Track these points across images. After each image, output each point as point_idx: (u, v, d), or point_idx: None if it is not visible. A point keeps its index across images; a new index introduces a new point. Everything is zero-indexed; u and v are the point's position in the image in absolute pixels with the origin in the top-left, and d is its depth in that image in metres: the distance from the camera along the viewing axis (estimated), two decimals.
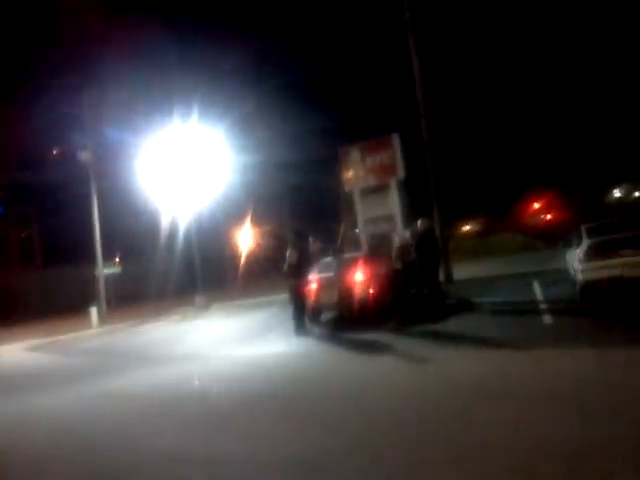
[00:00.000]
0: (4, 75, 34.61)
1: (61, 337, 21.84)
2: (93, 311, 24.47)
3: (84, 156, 26.52)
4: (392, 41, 22.43)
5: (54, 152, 28.75)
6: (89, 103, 26.65)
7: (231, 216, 38.20)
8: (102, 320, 24.71)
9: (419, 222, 14.01)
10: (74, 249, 34.04)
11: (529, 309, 11.63)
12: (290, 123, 33.03)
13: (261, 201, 38.04)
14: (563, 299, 11.90)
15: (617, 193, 52.05)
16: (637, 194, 51.18)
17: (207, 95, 27.29)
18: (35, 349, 19.45)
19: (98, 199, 26.69)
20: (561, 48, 43.59)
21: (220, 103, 29.10)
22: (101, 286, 26.49)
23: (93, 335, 21.80)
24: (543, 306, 11.58)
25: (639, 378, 5.95)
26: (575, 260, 11.60)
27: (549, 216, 48.35)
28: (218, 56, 32.61)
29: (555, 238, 20.55)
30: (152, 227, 31.24)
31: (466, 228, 56.13)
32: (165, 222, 28.14)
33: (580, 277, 11.12)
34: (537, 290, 13.75)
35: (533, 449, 4.53)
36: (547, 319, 10.25)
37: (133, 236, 37.25)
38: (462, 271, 19.24)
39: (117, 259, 35.05)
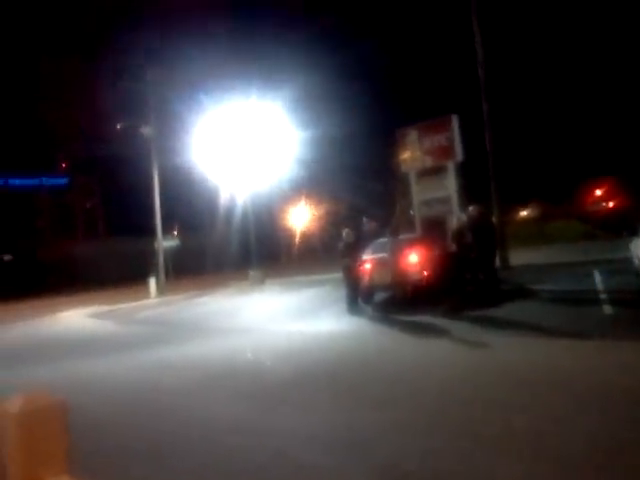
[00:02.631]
0: (70, 51, 35.74)
1: (120, 306, 22.64)
2: (152, 282, 25.27)
3: (147, 131, 27.19)
4: (456, 21, 21.94)
5: (118, 127, 29.52)
6: (153, 79, 27.23)
7: (288, 193, 38.48)
8: (160, 291, 25.48)
9: (470, 208, 13.85)
10: (136, 221, 35.05)
11: (588, 298, 11.35)
12: (348, 101, 32.90)
13: (318, 178, 38.17)
14: (625, 289, 11.52)
15: None
16: None
17: (268, 71, 27.46)
18: (96, 316, 20.25)
19: (159, 174, 27.36)
20: (623, 31, 41.61)
21: (280, 80, 29.21)
22: (160, 258, 27.26)
23: (151, 305, 22.49)
24: (603, 296, 11.24)
25: None
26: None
27: (611, 204, 46.64)
28: (279, 32, 32.70)
29: (617, 226, 19.91)
30: (211, 202, 31.88)
31: (524, 213, 54.80)
32: (223, 198, 28.69)
33: None
34: (597, 279, 13.34)
35: (582, 440, 4.49)
36: (607, 309, 9.99)
37: (192, 211, 38.10)
38: (519, 257, 18.86)
39: (175, 232, 35.92)
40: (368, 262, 13.59)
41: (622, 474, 3.86)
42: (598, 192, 52.04)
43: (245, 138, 25.07)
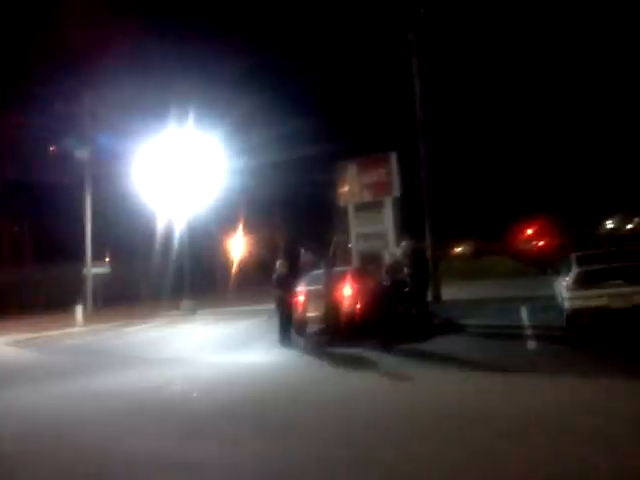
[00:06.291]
0: (3, 73, 34.77)
1: (44, 334, 21.67)
2: (78, 309, 24.30)
3: (81, 154, 26.51)
4: (395, 60, 22.60)
5: (51, 149, 28.73)
6: (87, 105, 26.68)
7: (225, 221, 38.19)
8: (87, 319, 24.54)
9: (403, 243, 14.09)
10: (65, 247, 33.92)
11: (515, 334, 11.63)
12: (287, 132, 33.16)
13: (255, 207, 38.09)
14: (549, 326, 11.90)
15: (610, 224, 52.34)
16: (630, 226, 51.46)
17: (204, 99, 27.39)
18: (16, 344, 19.27)
19: (93, 200, 26.64)
20: (559, 77, 44.06)
21: (217, 108, 29.20)
22: (89, 285, 26.35)
23: (76, 333, 21.65)
24: (529, 331, 11.58)
25: (616, 408, 5.95)
26: (563, 288, 11.63)
27: (541, 242, 48.48)
28: (217, 61, 32.86)
29: (546, 265, 20.63)
30: (145, 230, 31.24)
31: (458, 250, 56.25)
32: (158, 225, 28.14)
33: (567, 305, 11.15)
34: (524, 315, 13.75)
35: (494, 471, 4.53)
36: (532, 345, 10.25)
37: (125, 238, 37.20)
38: (451, 292, 19.24)
39: (107, 259, 34.87)
40: (302, 294, 13.51)
41: None
42: (529, 231, 54.05)
43: (182, 166, 24.80)
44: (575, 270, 11.39)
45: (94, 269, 27.24)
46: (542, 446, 5.01)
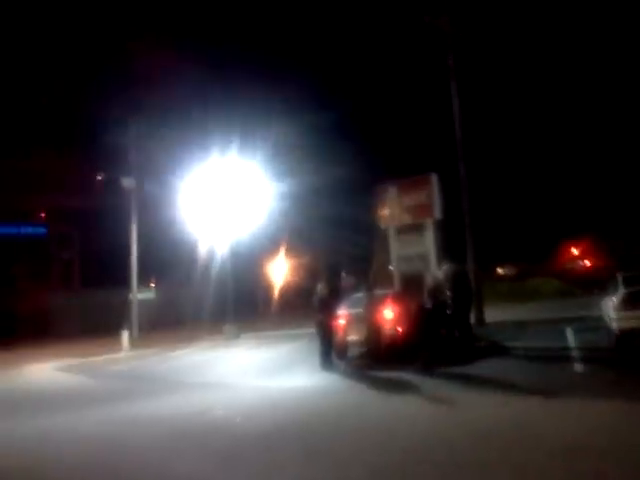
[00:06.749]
0: (56, 102, 36.27)
1: (91, 359, 22.12)
2: (124, 335, 24.77)
3: (127, 183, 27.28)
4: (434, 82, 22.61)
5: (99, 178, 29.75)
6: (133, 135, 27.52)
7: (267, 246, 38.50)
8: (133, 344, 24.99)
9: (447, 265, 13.99)
10: (112, 272, 34.76)
11: (561, 356, 11.41)
12: (327, 155, 33.44)
13: (296, 232, 38.34)
14: (597, 347, 11.62)
15: None
16: None
17: (245, 126, 27.92)
18: (65, 369, 19.73)
19: (139, 227, 27.33)
20: (602, 93, 43.22)
21: (257, 133, 29.68)
22: (134, 310, 26.89)
23: (122, 359, 22.03)
24: (575, 354, 11.33)
25: None
26: (610, 308, 11.37)
27: (587, 262, 47.26)
28: (259, 87, 33.49)
29: (592, 285, 20.13)
30: (189, 255, 31.79)
31: (501, 271, 55.23)
32: (202, 250, 28.63)
33: (615, 326, 10.89)
34: (570, 337, 13.43)
35: None
36: (579, 367, 10.03)
37: (170, 263, 37.87)
38: (495, 314, 18.92)
39: (152, 284, 35.55)
40: (343, 317, 13.52)
41: None
42: (575, 251, 52.77)
43: (225, 191, 25.27)
44: (623, 290, 11.13)
45: (139, 294, 27.80)
46: (584, 471, 4.91)
